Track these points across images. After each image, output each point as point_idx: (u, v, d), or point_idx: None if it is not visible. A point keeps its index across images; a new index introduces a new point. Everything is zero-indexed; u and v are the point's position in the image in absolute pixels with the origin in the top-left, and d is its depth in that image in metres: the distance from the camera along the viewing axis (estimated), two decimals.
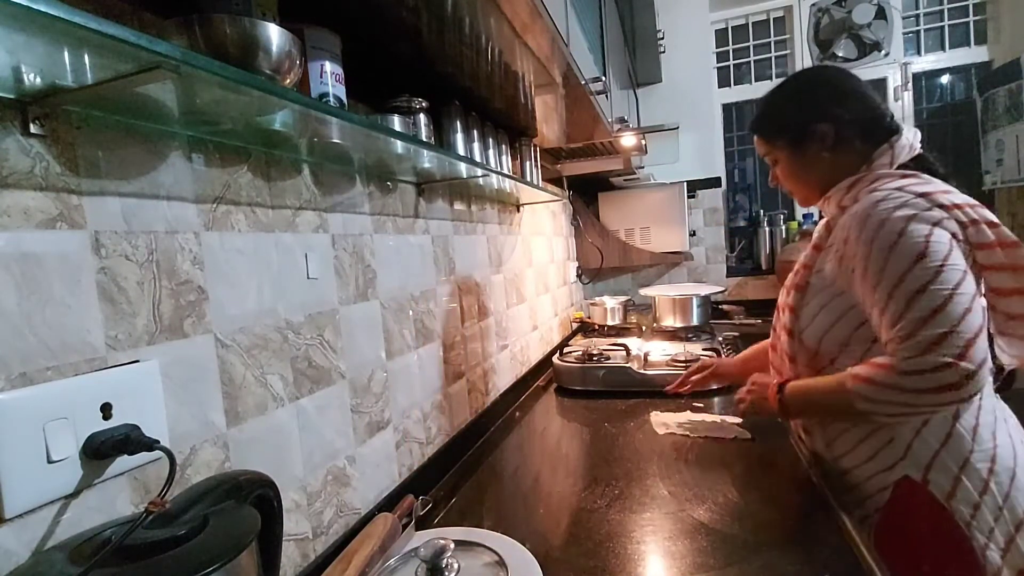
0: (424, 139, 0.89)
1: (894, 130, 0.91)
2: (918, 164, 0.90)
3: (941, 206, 0.79)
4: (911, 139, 0.90)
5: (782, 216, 2.83)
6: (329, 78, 0.66)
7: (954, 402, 0.73)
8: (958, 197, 0.81)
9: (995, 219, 0.80)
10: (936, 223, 0.77)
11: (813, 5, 2.89)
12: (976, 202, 0.81)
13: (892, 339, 0.76)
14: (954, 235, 0.78)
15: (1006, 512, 0.81)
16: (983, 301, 0.80)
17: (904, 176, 0.85)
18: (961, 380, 0.71)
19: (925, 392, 0.73)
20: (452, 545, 0.67)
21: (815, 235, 0.97)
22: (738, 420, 1.20)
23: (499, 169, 1.21)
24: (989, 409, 0.85)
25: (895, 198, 0.80)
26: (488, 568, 0.71)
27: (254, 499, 0.51)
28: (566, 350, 1.73)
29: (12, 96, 0.43)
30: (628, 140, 1.79)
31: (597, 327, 2.26)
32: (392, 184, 1.00)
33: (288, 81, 0.55)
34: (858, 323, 0.86)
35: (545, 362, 1.85)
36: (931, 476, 0.83)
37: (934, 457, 0.83)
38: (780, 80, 1.00)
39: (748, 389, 1.03)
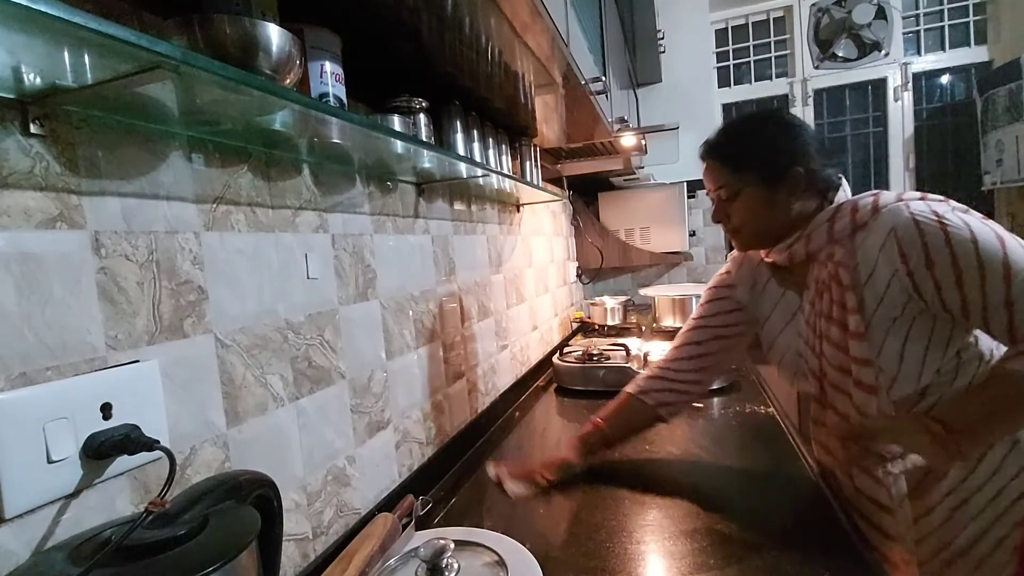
0: (424, 139, 0.89)
1: (838, 180, 0.89)
2: None
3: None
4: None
5: None
6: (329, 78, 0.66)
7: None
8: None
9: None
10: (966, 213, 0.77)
11: (813, 5, 2.89)
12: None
13: None
14: None
15: None
16: None
17: (883, 194, 0.82)
18: None
19: None
20: (452, 545, 0.67)
21: (831, 277, 0.82)
22: None
23: (499, 169, 1.21)
24: None
25: (923, 203, 0.78)
26: (488, 568, 0.71)
27: (254, 499, 0.51)
28: (566, 350, 1.72)
29: (12, 96, 0.43)
30: (628, 140, 1.79)
31: (597, 327, 2.27)
32: (392, 184, 1.00)
33: (288, 81, 0.55)
34: (946, 341, 0.78)
35: (545, 362, 1.85)
36: None
37: None
38: (754, 112, 0.93)
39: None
